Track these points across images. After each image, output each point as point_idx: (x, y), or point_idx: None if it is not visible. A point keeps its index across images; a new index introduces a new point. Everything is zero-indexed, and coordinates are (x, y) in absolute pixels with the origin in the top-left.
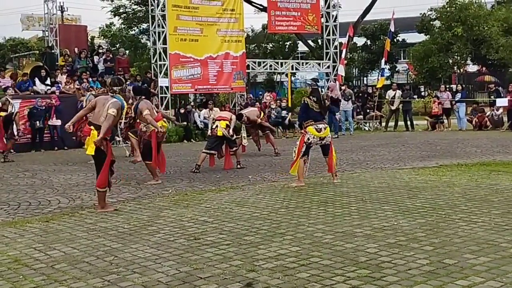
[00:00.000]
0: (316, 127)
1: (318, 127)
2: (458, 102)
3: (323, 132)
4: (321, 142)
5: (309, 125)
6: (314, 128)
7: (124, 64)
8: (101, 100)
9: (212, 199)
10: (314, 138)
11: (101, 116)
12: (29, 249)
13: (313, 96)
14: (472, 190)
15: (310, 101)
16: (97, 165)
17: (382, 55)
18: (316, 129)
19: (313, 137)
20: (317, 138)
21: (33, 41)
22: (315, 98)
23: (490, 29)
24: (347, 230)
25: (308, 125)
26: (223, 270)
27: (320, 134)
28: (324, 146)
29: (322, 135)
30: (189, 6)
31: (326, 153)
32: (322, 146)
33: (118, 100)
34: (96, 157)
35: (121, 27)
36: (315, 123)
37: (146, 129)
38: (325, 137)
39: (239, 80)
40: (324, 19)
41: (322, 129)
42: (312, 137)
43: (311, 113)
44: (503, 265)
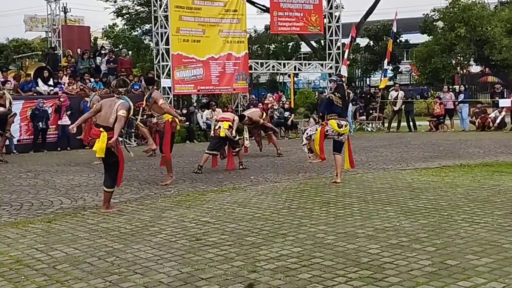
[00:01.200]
0: (339, 122)
1: (340, 123)
2: (461, 103)
3: (343, 129)
4: (337, 137)
5: (332, 118)
6: (336, 123)
7: (127, 65)
8: (107, 102)
9: (214, 200)
10: (333, 132)
11: (110, 118)
12: (31, 249)
13: (338, 92)
14: (475, 191)
15: (335, 98)
16: (107, 166)
17: (385, 56)
18: (338, 124)
19: (332, 130)
20: (335, 132)
21: (36, 42)
22: (340, 94)
23: (493, 29)
24: (349, 231)
25: (331, 118)
26: (225, 271)
27: (340, 130)
28: (337, 142)
29: (342, 131)
30: (192, 7)
31: (337, 149)
32: (336, 141)
33: (125, 101)
34: (105, 159)
35: (124, 28)
36: (338, 118)
37: (159, 120)
38: (343, 133)
39: (241, 81)
40: (326, 19)
41: (343, 125)
42: (332, 130)
43: (335, 109)
44: (506, 266)
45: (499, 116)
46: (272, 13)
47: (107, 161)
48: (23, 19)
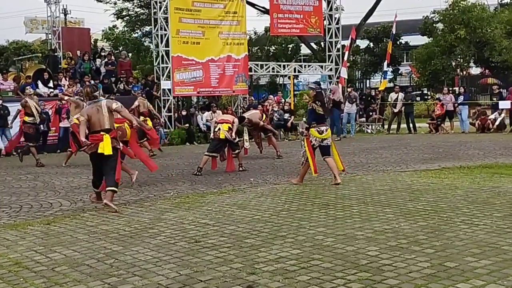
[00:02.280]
0: (318, 129)
1: (320, 129)
2: (461, 104)
3: (325, 134)
4: (322, 143)
5: (312, 127)
6: (316, 130)
7: (126, 67)
8: (92, 109)
9: (213, 202)
10: (316, 140)
11: (104, 120)
12: (30, 251)
13: (318, 100)
14: (474, 192)
15: (317, 107)
16: (107, 167)
17: (385, 57)
18: (318, 131)
19: (315, 139)
20: (319, 140)
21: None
22: (320, 101)
23: (493, 31)
24: (348, 233)
25: (311, 127)
26: (224, 273)
27: (322, 136)
28: (323, 147)
29: (324, 137)
30: (192, 9)
31: (326, 153)
32: (322, 147)
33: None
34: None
35: (124, 30)
36: (317, 125)
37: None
38: (326, 138)
39: (241, 82)
40: (326, 21)
41: (323, 130)
42: (314, 139)
43: (313, 116)
44: (505, 268)
45: (499, 117)
46: (272, 15)
47: (108, 161)
48: (23, 21)
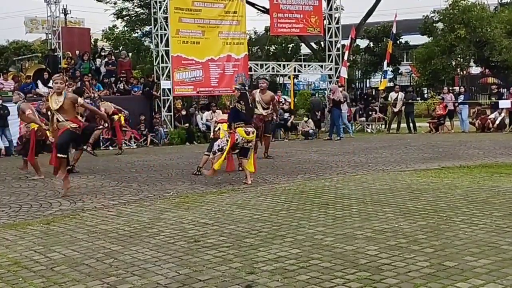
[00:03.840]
0: (246, 129)
1: (247, 130)
2: (461, 104)
3: (251, 136)
4: (246, 144)
5: (239, 126)
6: (244, 130)
7: (126, 67)
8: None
9: (213, 201)
10: (242, 140)
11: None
12: (29, 251)
13: (242, 101)
14: (474, 192)
15: (240, 106)
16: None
17: (385, 57)
18: (245, 131)
19: (241, 139)
20: (244, 140)
21: (36, 44)
22: (244, 102)
23: (493, 31)
24: (347, 232)
25: (238, 126)
26: (223, 272)
27: (248, 137)
28: (245, 148)
29: (250, 138)
30: (192, 8)
31: (244, 155)
32: (244, 148)
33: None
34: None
35: (124, 29)
36: (245, 126)
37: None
38: (251, 140)
39: (241, 82)
40: (326, 21)
41: (250, 132)
42: (241, 139)
43: (241, 116)
44: (504, 268)
45: (499, 117)
46: (272, 15)
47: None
48: (24, 21)
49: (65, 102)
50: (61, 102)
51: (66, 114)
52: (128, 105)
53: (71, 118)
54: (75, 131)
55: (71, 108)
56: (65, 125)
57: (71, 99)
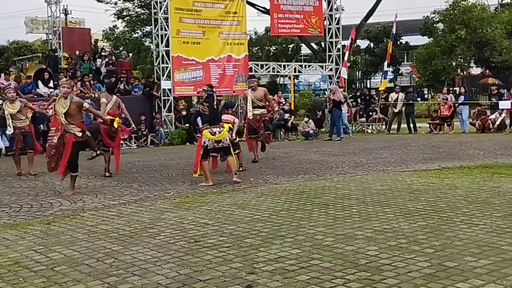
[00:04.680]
0: (211, 130)
1: (213, 131)
2: (461, 104)
3: (218, 135)
4: (218, 145)
5: (204, 129)
6: (208, 132)
7: (127, 67)
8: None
9: (213, 202)
10: (209, 141)
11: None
12: (30, 251)
13: (206, 102)
14: (474, 192)
15: (202, 107)
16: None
17: (385, 57)
18: (210, 132)
19: (208, 140)
20: (212, 141)
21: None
22: (207, 104)
23: (494, 31)
24: (347, 232)
25: (204, 129)
26: (223, 273)
27: (215, 137)
28: (223, 148)
29: (217, 138)
30: (192, 9)
31: (226, 153)
32: (222, 148)
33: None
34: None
35: (124, 30)
36: (210, 127)
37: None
38: (221, 140)
39: (241, 83)
40: (327, 21)
41: (216, 132)
42: (208, 140)
43: (205, 118)
44: (504, 268)
45: (499, 118)
46: (272, 15)
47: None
48: (24, 21)
49: (71, 107)
50: (67, 106)
51: (72, 118)
52: (129, 105)
53: (76, 123)
54: (81, 139)
55: (77, 113)
56: (71, 131)
57: (76, 104)
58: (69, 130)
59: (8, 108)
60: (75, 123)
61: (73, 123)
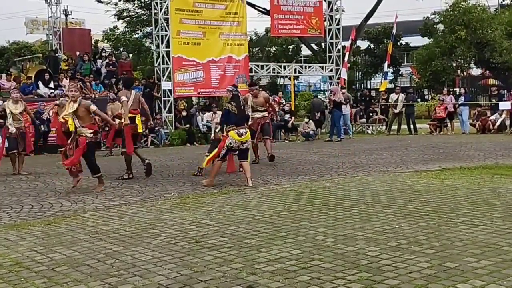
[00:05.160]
0: (238, 131)
1: (239, 132)
2: (462, 105)
3: (244, 137)
4: (242, 146)
5: (231, 129)
6: (235, 133)
7: (127, 68)
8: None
9: (214, 202)
10: (235, 143)
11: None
12: (31, 251)
13: (234, 102)
14: (474, 193)
15: (231, 107)
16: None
17: (385, 58)
18: (237, 134)
19: (234, 142)
20: (238, 142)
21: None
22: (235, 104)
23: (494, 32)
24: (348, 233)
25: (230, 129)
26: (224, 273)
27: (241, 139)
28: (242, 150)
29: (243, 139)
30: (192, 9)
31: (244, 157)
32: (242, 150)
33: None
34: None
35: (124, 30)
36: (237, 128)
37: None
38: (246, 141)
39: (241, 83)
40: (327, 22)
41: (243, 133)
42: (234, 142)
43: (232, 119)
44: (505, 269)
45: (499, 118)
46: (273, 16)
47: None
48: (24, 22)
49: (79, 109)
50: (74, 108)
51: (82, 120)
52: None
53: (87, 125)
54: (93, 140)
55: (87, 115)
56: (82, 133)
57: (84, 106)
58: (81, 133)
59: (10, 107)
60: (86, 125)
61: (84, 126)
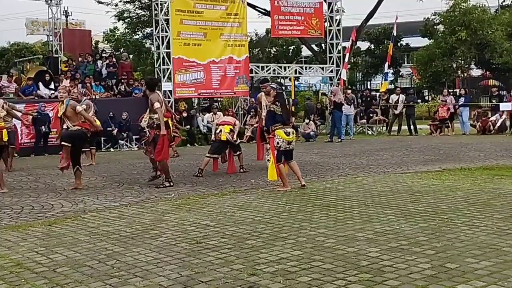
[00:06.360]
0: (285, 130)
1: (287, 131)
2: (462, 106)
3: (291, 136)
4: (289, 146)
5: (277, 128)
6: (283, 131)
7: (127, 69)
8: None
9: (214, 203)
10: (283, 142)
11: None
12: (32, 252)
13: (277, 101)
14: (475, 194)
15: (276, 108)
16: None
17: (386, 59)
18: (285, 132)
19: (282, 141)
20: (286, 142)
21: (37, 45)
22: (279, 102)
23: (494, 33)
24: (349, 234)
25: (276, 128)
26: (225, 274)
27: (289, 138)
28: (289, 151)
29: (290, 139)
30: (193, 10)
31: (289, 158)
32: (287, 151)
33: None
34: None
35: (125, 31)
36: (284, 127)
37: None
38: (292, 141)
39: (242, 84)
40: (327, 23)
41: (290, 132)
42: (282, 141)
43: (277, 118)
44: (505, 269)
45: (500, 119)
46: (273, 17)
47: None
48: (25, 23)
49: (67, 109)
50: (63, 109)
51: (71, 120)
52: (129, 107)
53: (77, 123)
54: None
55: (75, 115)
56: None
57: (71, 106)
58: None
59: None
60: (76, 124)
61: (75, 125)
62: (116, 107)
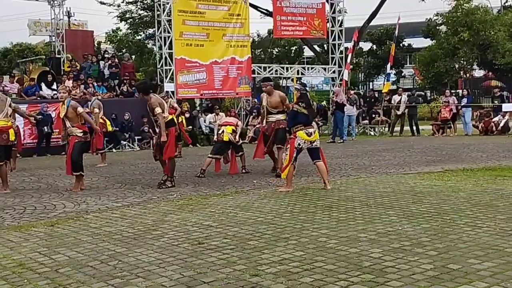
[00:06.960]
0: (306, 131)
1: (308, 131)
2: (464, 107)
3: (313, 136)
4: (311, 145)
5: (299, 129)
6: (304, 133)
7: (130, 69)
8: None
9: (216, 204)
10: (304, 143)
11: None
12: (34, 253)
13: (302, 102)
14: (477, 195)
15: (299, 107)
16: None
17: (388, 60)
18: (306, 134)
19: (303, 142)
20: (307, 142)
21: (40, 46)
22: (304, 103)
23: (497, 34)
24: (351, 235)
25: (298, 129)
26: (227, 275)
27: (311, 138)
28: (313, 149)
29: (313, 139)
30: (195, 11)
31: (315, 157)
32: (311, 149)
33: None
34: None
35: (127, 32)
36: (305, 128)
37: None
38: (315, 140)
39: (244, 85)
40: (329, 24)
41: (312, 133)
42: (303, 142)
43: (300, 118)
44: (508, 270)
45: (502, 120)
46: (275, 17)
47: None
48: (27, 24)
49: (68, 110)
50: (64, 110)
51: (72, 121)
52: (131, 107)
53: (76, 125)
54: (83, 139)
55: (75, 116)
56: (73, 133)
57: (72, 107)
58: (71, 133)
59: None
60: (75, 125)
61: (74, 125)
62: (119, 108)
